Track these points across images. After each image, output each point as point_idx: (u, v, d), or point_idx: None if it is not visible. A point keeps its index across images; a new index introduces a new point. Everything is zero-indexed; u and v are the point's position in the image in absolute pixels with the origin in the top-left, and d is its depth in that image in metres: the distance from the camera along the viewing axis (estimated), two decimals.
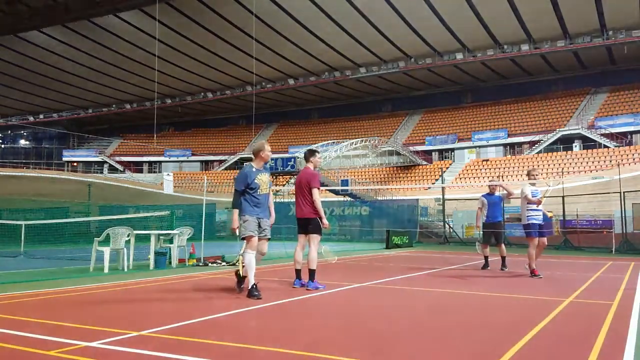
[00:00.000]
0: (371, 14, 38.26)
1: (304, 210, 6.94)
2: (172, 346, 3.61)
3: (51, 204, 25.34)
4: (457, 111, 53.32)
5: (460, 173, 43.56)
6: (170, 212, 11.20)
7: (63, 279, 7.91)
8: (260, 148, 6.36)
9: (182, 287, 7.14)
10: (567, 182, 28.98)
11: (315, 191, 6.84)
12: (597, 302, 5.98)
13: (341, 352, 3.50)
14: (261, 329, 4.33)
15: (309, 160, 7.18)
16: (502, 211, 10.63)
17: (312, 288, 6.75)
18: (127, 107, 61.10)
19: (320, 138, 51.29)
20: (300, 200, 7.03)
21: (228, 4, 37.26)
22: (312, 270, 6.82)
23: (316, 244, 6.93)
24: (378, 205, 27.39)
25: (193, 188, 47.80)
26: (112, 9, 37.37)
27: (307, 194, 6.93)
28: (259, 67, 46.28)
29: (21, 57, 47.09)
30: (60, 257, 12.59)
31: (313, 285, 6.80)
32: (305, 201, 6.94)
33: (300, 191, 7.02)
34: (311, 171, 7.05)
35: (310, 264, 6.84)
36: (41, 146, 67.60)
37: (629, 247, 16.90)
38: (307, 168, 7.13)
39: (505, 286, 7.58)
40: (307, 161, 7.21)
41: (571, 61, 45.32)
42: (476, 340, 3.99)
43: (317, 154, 7.26)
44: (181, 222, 15.82)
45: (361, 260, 12.86)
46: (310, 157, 7.19)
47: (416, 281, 8.13)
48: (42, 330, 4.05)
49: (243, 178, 6.21)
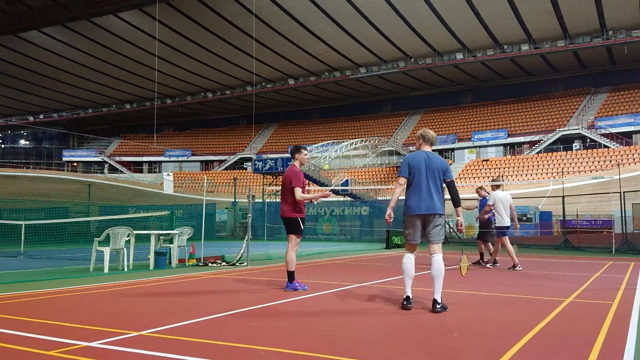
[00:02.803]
0: (371, 14, 38.27)
1: (284, 209, 6.60)
2: (172, 346, 3.61)
3: (51, 204, 25.33)
4: (457, 111, 53.35)
5: (461, 173, 43.58)
6: (170, 212, 11.19)
7: (63, 279, 7.91)
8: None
9: (182, 287, 7.14)
10: (567, 182, 29.01)
11: (297, 190, 6.44)
12: (597, 302, 5.98)
13: (341, 352, 3.50)
14: (261, 328, 4.33)
15: (294, 157, 6.77)
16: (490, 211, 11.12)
17: (290, 290, 6.43)
18: (127, 107, 61.13)
19: (320, 138, 51.32)
20: (281, 198, 6.72)
21: (228, 4, 37.27)
22: (290, 272, 6.48)
23: (293, 244, 6.56)
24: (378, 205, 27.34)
25: (193, 188, 47.84)
26: (112, 9, 37.41)
27: (287, 193, 6.59)
28: (259, 67, 46.30)
29: (21, 57, 47.13)
30: (60, 257, 12.59)
31: (291, 286, 6.47)
32: (286, 200, 6.61)
33: (283, 189, 6.69)
34: (295, 169, 6.64)
35: (286, 265, 6.50)
36: (41, 146, 67.62)
37: (629, 247, 16.89)
38: (292, 166, 6.72)
39: (505, 286, 7.58)
40: (293, 158, 6.80)
41: (571, 61, 45.34)
42: (476, 340, 3.99)
43: (303, 151, 6.79)
44: (181, 222, 15.85)
45: (361, 260, 12.86)
46: (295, 153, 6.78)
47: (416, 281, 8.10)
48: (42, 330, 4.05)
49: None
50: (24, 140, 68.65)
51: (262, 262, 11.17)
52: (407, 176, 5.33)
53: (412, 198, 5.26)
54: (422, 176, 5.25)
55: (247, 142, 60.64)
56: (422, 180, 5.25)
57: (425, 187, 5.22)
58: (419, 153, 5.43)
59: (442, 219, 5.34)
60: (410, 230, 5.32)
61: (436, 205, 5.24)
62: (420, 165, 5.28)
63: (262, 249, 16.38)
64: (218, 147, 61.22)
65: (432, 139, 5.52)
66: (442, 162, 5.41)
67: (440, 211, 5.27)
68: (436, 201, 5.25)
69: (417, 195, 5.22)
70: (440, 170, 5.31)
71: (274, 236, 26.09)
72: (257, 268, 9.87)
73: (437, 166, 5.31)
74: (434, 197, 5.22)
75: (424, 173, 5.25)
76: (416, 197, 5.23)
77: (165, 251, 10.12)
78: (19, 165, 58.73)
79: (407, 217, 5.31)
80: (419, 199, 5.21)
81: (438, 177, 5.30)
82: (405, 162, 5.41)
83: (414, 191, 5.27)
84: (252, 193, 11.25)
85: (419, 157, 5.37)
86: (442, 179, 5.34)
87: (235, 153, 58.92)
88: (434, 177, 5.26)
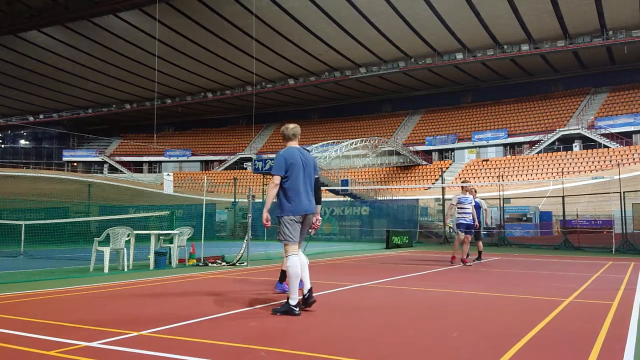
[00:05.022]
0: (371, 14, 38.27)
1: None
2: (172, 346, 3.61)
3: (51, 204, 25.33)
4: (457, 111, 53.34)
5: (460, 173, 43.57)
6: (170, 212, 11.19)
7: (63, 279, 7.91)
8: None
9: (182, 287, 7.14)
10: (567, 182, 29.00)
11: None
12: (597, 302, 5.98)
13: (341, 352, 3.50)
14: (261, 328, 4.33)
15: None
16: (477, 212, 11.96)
17: (279, 291, 6.38)
18: (127, 107, 61.13)
19: (320, 138, 51.31)
20: None
21: (228, 4, 37.27)
22: (283, 271, 6.21)
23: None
24: (378, 205, 27.36)
25: (193, 188, 47.83)
26: (112, 9, 37.40)
27: None
28: (259, 67, 46.30)
29: (21, 57, 47.12)
30: (60, 257, 12.60)
31: (280, 287, 6.42)
32: None
33: None
34: None
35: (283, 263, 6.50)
36: (41, 146, 67.62)
37: (629, 247, 16.90)
38: None
39: (505, 286, 7.58)
40: None
41: (571, 61, 45.33)
42: (476, 340, 3.99)
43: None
44: (181, 222, 15.85)
45: (362, 260, 12.86)
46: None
47: (416, 281, 8.12)
48: (42, 330, 4.05)
49: None
50: (24, 140, 68.65)
51: (262, 262, 11.18)
52: (283, 174, 5.03)
53: (293, 198, 5.00)
54: (301, 175, 5.04)
55: (247, 142, 60.63)
56: (301, 179, 5.05)
57: (304, 187, 5.05)
58: (292, 149, 5.15)
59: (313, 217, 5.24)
60: (292, 230, 5.04)
61: (313, 204, 5.16)
62: (299, 163, 5.04)
63: (262, 249, 16.39)
64: (218, 147, 61.21)
65: (293, 133, 5.24)
66: (314, 159, 5.27)
67: (314, 210, 5.20)
68: (312, 201, 5.15)
69: (298, 195, 5.00)
70: (313, 168, 5.19)
71: (274, 236, 25.95)
72: (257, 268, 9.87)
73: (312, 163, 5.18)
74: (310, 196, 5.12)
75: (302, 171, 5.05)
76: (297, 197, 5.00)
77: (165, 251, 10.12)
78: (19, 165, 58.74)
79: (289, 218, 5.02)
80: (299, 199, 5.01)
81: (312, 176, 5.17)
82: (281, 159, 5.06)
83: (292, 190, 5.01)
84: (252, 193, 11.26)
85: (294, 153, 5.09)
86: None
87: (235, 153, 58.91)
88: (310, 176, 5.13)
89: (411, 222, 24.79)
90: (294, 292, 4.90)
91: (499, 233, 22.49)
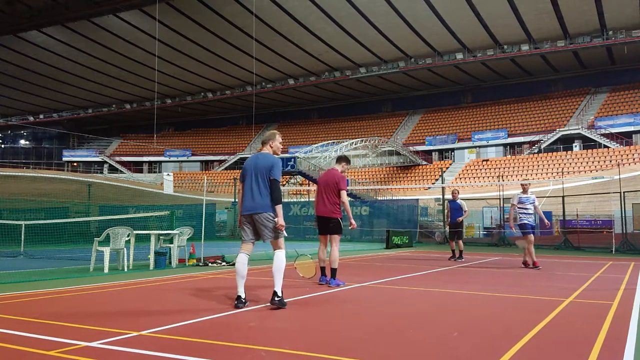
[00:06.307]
0: (371, 14, 38.28)
1: (326, 209, 7.20)
2: (172, 346, 3.61)
3: (51, 204, 25.32)
4: (457, 111, 53.35)
5: (460, 173, 43.58)
6: (170, 212, 11.19)
7: (63, 279, 7.91)
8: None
9: (182, 287, 7.14)
10: (567, 182, 28.99)
11: (344, 193, 7.19)
12: (597, 302, 5.98)
13: (341, 352, 3.50)
14: (261, 328, 4.33)
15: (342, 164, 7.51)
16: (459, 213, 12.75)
17: (334, 285, 7.07)
18: (127, 107, 61.15)
19: (320, 138, 51.34)
20: (321, 198, 7.28)
21: (228, 4, 37.29)
22: (334, 269, 7.16)
23: (337, 243, 7.17)
24: (378, 205, 27.37)
25: (193, 188, 47.84)
26: (112, 9, 37.42)
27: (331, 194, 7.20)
28: (259, 67, 46.32)
29: (21, 57, 47.14)
30: (60, 257, 12.59)
31: (335, 282, 7.13)
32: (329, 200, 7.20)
33: (326, 189, 7.26)
34: (340, 174, 7.33)
35: (331, 262, 7.15)
36: (41, 146, 67.64)
37: (629, 247, 16.90)
38: (336, 169, 7.39)
39: (505, 286, 7.58)
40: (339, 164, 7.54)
41: (571, 61, 45.35)
42: (476, 340, 3.99)
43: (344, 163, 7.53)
44: (181, 222, 15.84)
45: (362, 260, 12.87)
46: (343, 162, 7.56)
47: (416, 281, 8.12)
48: (42, 330, 4.05)
49: None
50: (24, 140, 68.67)
51: (262, 262, 11.17)
52: (242, 180, 5.57)
53: (243, 199, 5.47)
54: (250, 177, 5.45)
55: (247, 142, 60.64)
56: (248, 181, 5.46)
57: (249, 188, 5.40)
58: (253, 155, 5.65)
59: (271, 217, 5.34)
60: (242, 229, 5.52)
61: (258, 204, 5.34)
62: (249, 167, 5.50)
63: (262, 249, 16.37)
64: (218, 147, 61.23)
65: (262, 140, 5.73)
66: (269, 161, 5.46)
67: (262, 210, 5.32)
68: (258, 201, 5.34)
69: (244, 197, 5.44)
70: (265, 170, 5.40)
71: None
72: (257, 268, 9.87)
73: (263, 165, 5.42)
74: (256, 197, 5.34)
75: (251, 174, 5.44)
76: (244, 198, 5.44)
77: (165, 251, 10.12)
78: (19, 165, 58.74)
79: (241, 218, 5.53)
80: (245, 199, 5.43)
81: (265, 177, 5.39)
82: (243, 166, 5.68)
83: (244, 192, 5.48)
84: None
85: (251, 159, 5.60)
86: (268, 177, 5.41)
87: (235, 153, 58.91)
88: (261, 177, 5.39)
89: (411, 222, 24.80)
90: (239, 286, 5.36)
91: (499, 233, 22.49)
